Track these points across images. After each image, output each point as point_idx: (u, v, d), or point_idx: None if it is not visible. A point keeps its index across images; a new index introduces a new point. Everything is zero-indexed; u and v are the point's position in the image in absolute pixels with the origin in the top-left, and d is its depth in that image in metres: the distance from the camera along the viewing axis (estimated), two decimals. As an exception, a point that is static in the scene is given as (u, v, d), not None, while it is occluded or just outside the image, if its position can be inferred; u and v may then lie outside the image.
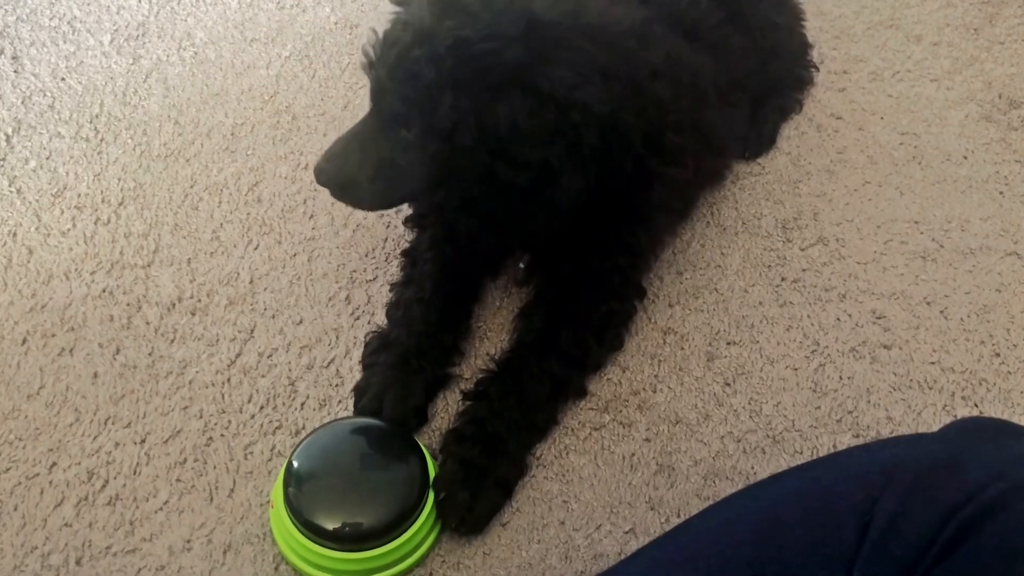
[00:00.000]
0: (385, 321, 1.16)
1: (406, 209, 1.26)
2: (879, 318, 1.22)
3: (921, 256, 1.29)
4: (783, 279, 1.25)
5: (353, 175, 1.01)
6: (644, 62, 1.02)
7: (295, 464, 0.97)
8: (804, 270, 1.26)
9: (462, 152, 0.96)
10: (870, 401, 1.14)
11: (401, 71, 0.94)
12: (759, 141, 1.41)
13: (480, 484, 1.00)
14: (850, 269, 1.27)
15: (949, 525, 0.57)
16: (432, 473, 1.00)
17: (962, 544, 0.56)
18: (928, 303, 1.23)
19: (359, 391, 1.09)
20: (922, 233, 1.31)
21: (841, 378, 1.16)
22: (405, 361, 1.09)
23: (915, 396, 1.15)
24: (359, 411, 1.07)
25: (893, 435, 1.10)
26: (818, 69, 1.49)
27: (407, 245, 1.23)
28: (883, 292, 1.24)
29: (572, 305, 1.14)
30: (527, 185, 0.98)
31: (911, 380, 1.16)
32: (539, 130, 0.94)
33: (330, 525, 0.93)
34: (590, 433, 1.10)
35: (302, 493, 0.95)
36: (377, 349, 1.12)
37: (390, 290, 1.19)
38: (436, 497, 0.98)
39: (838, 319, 1.22)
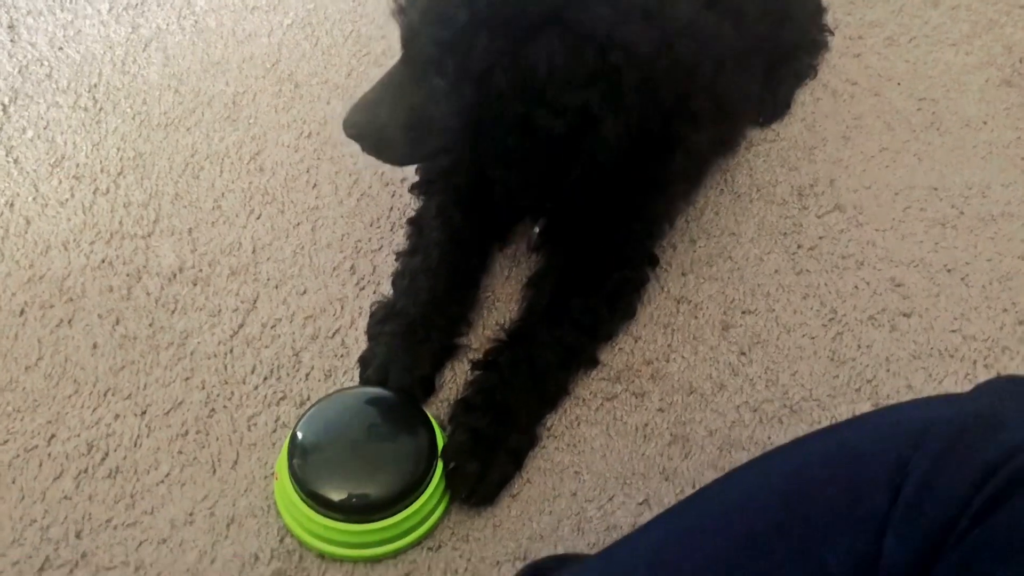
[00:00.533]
0: (391, 291, 1.13)
1: (412, 177, 1.23)
2: (898, 286, 1.18)
3: (941, 223, 1.25)
4: (799, 246, 1.22)
5: (384, 127, 0.97)
6: (673, 17, 0.98)
7: (300, 435, 0.95)
8: (821, 237, 1.23)
9: (497, 98, 0.93)
10: (889, 370, 1.11)
11: (434, 13, 0.91)
12: (774, 107, 1.37)
13: (490, 454, 0.97)
14: (868, 236, 1.24)
15: (988, 484, 0.54)
16: (440, 444, 0.97)
17: (1003, 503, 0.53)
18: (948, 270, 1.20)
19: (364, 361, 1.07)
20: (941, 200, 1.28)
21: (860, 347, 1.13)
22: (411, 331, 1.06)
23: (936, 364, 1.12)
24: (364, 381, 1.05)
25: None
26: (833, 34, 1.46)
27: (413, 214, 1.20)
28: (902, 259, 1.21)
29: (583, 273, 1.11)
30: (564, 133, 0.95)
31: (932, 348, 1.13)
32: (578, 72, 0.91)
33: (336, 496, 0.90)
34: (602, 403, 1.07)
35: (307, 464, 0.92)
36: (383, 319, 1.09)
37: (396, 259, 1.16)
38: (445, 467, 0.96)
39: (856, 287, 1.18)
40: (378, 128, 0.98)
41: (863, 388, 1.09)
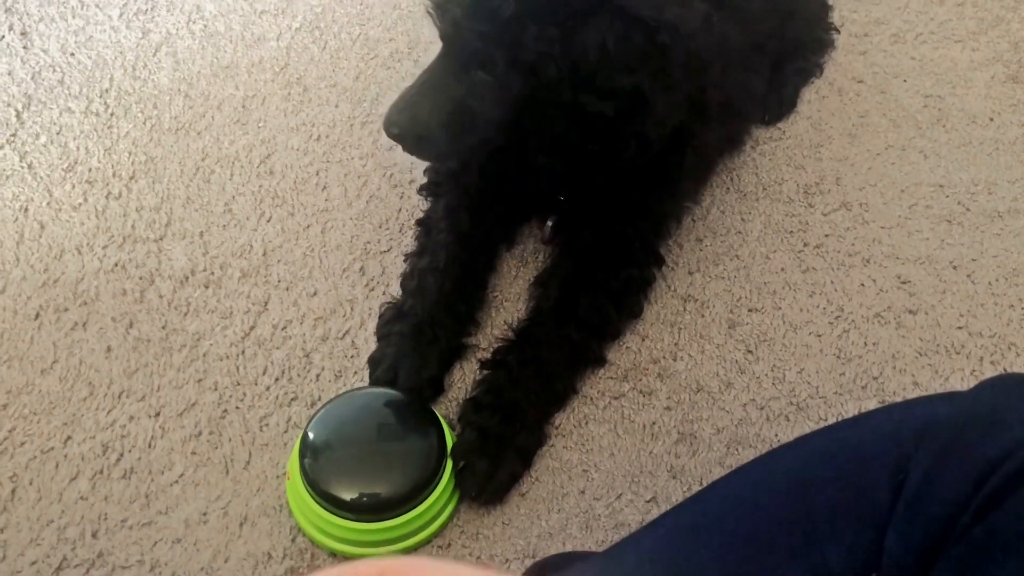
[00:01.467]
0: (399, 292, 1.14)
1: (420, 178, 1.24)
2: (904, 283, 1.19)
3: (947, 220, 1.26)
4: (805, 244, 1.23)
5: (426, 124, 0.97)
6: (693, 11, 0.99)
7: (311, 435, 0.96)
8: (827, 235, 1.24)
9: (545, 86, 0.93)
10: (896, 367, 1.12)
11: (480, 8, 0.90)
12: (779, 105, 1.38)
13: (499, 453, 0.98)
14: (874, 234, 1.24)
15: (989, 482, 0.55)
16: (450, 443, 0.98)
17: (1003, 501, 0.54)
18: (954, 267, 1.20)
19: (373, 362, 1.08)
20: (947, 197, 1.28)
21: (866, 344, 1.14)
22: (419, 331, 1.07)
23: (942, 361, 1.12)
24: (374, 381, 1.06)
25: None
26: (839, 31, 1.46)
27: (421, 215, 1.21)
28: (908, 257, 1.22)
29: (590, 271, 1.12)
30: (612, 116, 0.95)
31: (938, 345, 1.14)
32: (628, 55, 0.91)
33: (347, 495, 0.91)
34: (610, 402, 1.08)
35: (318, 464, 0.93)
36: (391, 320, 1.10)
37: (404, 260, 1.18)
38: (454, 466, 0.97)
39: (862, 284, 1.19)
40: (420, 126, 0.97)
41: (869, 385, 1.10)
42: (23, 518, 0.98)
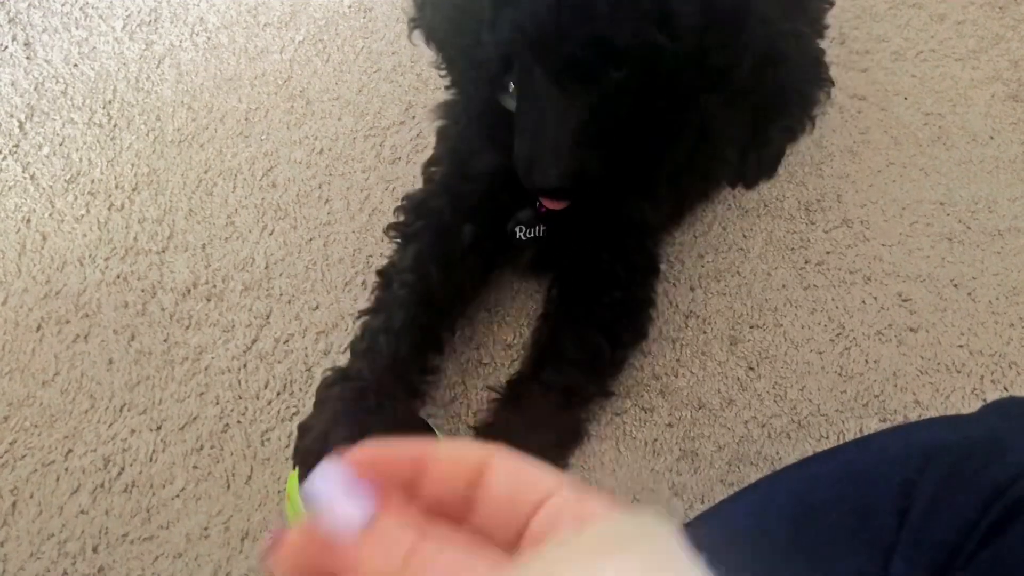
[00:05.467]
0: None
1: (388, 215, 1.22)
2: (905, 301, 1.19)
3: (947, 238, 1.26)
4: (807, 261, 1.23)
5: (582, 161, 0.88)
6: None
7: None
8: (828, 252, 1.24)
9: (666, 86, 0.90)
10: (897, 385, 1.12)
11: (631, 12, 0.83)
12: (758, 165, 1.30)
13: None
14: (875, 251, 1.24)
15: (994, 507, 0.55)
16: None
17: (1010, 525, 0.54)
18: (955, 285, 1.21)
19: (303, 429, 0.95)
20: (948, 214, 1.29)
21: (867, 362, 1.14)
22: (362, 395, 0.95)
23: (943, 379, 1.12)
24: (301, 452, 0.94)
25: (923, 419, 1.08)
26: (834, 85, 1.41)
27: (384, 262, 1.11)
28: (909, 274, 1.22)
29: (575, 302, 1.06)
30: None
31: (939, 363, 1.14)
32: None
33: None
34: (611, 419, 1.08)
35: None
36: (332, 383, 0.98)
37: (356, 319, 1.07)
38: None
39: (863, 302, 1.19)
40: (576, 165, 0.88)
41: (871, 403, 1.10)
42: (23, 532, 0.98)
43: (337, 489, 0.30)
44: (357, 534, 0.29)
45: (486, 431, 1.02)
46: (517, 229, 1.06)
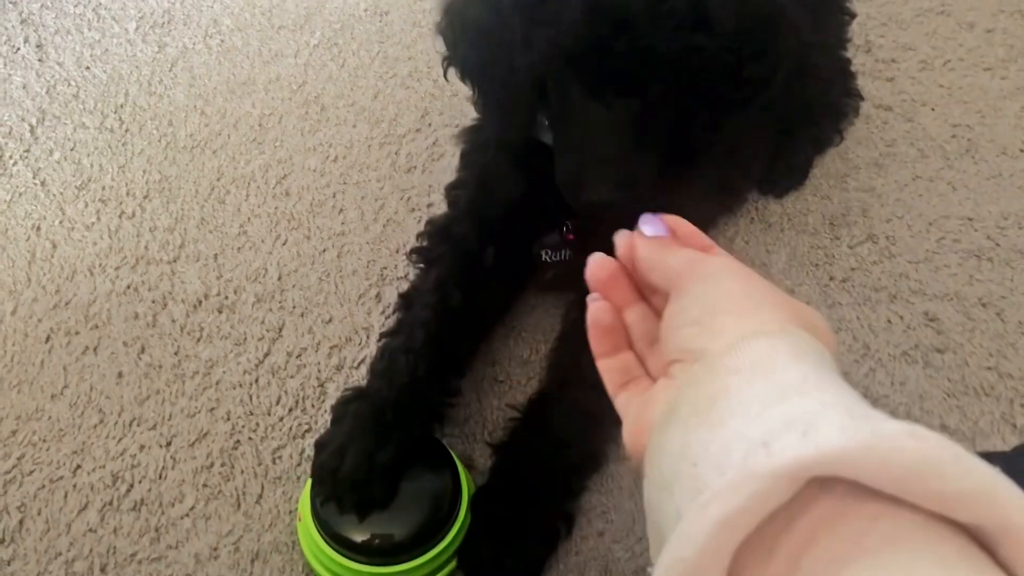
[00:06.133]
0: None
1: (438, 201, 1.22)
2: (932, 320, 1.16)
3: (976, 255, 1.23)
4: (831, 278, 1.20)
5: (631, 171, 0.86)
6: None
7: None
8: (853, 269, 1.21)
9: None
10: (923, 408, 1.09)
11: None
12: (788, 174, 1.28)
13: (509, 540, 0.92)
14: (901, 268, 1.21)
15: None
16: (464, 484, 0.95)
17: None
18: (984, 304, 1.18)
19: (320, 445, 0.93)
20: (976, 231, 1.25)
21: (893, 383, 1.11)
22: (380, 412, 0.93)
23: (971, 403, 1.09)
24: (317, 469, 0.92)
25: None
26: (863, 98, 1.38)
27: (398, 277, 1.15)
28: (936, 293, 1.19)
29: None
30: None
31: (967, 386, 1.11)
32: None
33: (359, 537, 0.89)
34: (630, 440, 1.06)
35: (330, 504, 0.91)
36: (349, 400, 0.97)
37: (378, 340, 1.05)
38: (459, 561, 0.93)
39: (889, 321, 1.16)
40: (625, 176, 0.86)
41: (896, 427, 1.07)
42: (31, 550, 0.96)
43: (659, 226, 0.57)
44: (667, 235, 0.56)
45: (505, 451, 1.00)
46: (543, 252, 1.05)
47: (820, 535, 0.35)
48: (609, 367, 0.57)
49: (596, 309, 0.58)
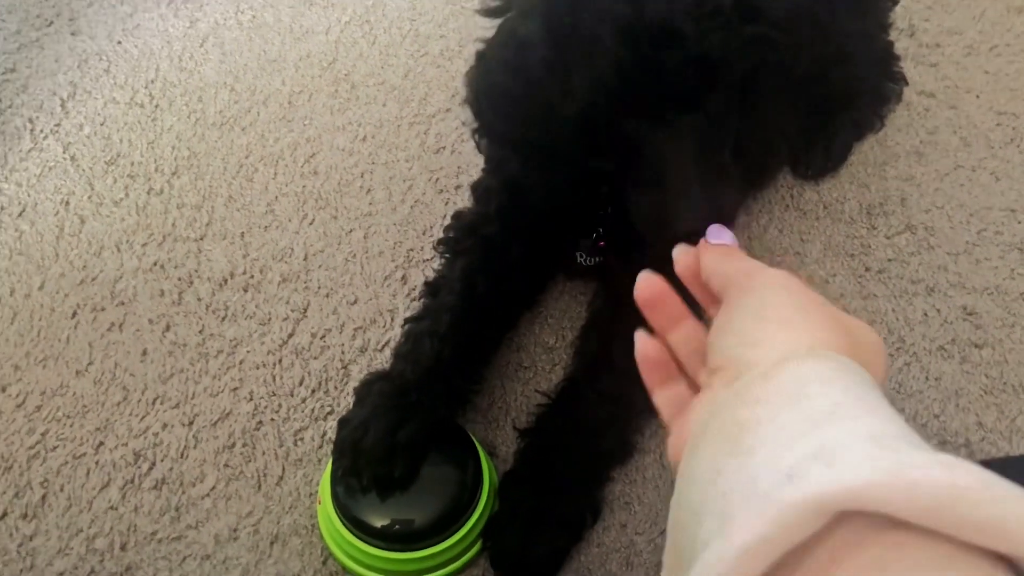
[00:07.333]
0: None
1: (465, 183, 1.20)
2: (970, 314, 1.13)
3: (1018, 248, 1.19)
4: (867, 269, 1.17)
5: (715, 193, 0.82)
6: None
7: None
8: (890, 260, 1.18)
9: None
10: (959, 405, 1.06)
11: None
12: (827, 156, 1.18)
13: (534, 528, 0.91)
14: (939, 260, 1.18)
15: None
16: (486, 470, 0.94)
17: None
18: (1025, 299, 1.14)
19: (343, 422, 0.93)
20: (1020, 223, 1.21)
21: (928, 379, 1.08)
22: (403, 392, 0.92)
23: (1009, 401, 1.06)
24: (338, 443, 0.91)
25: (985, 442, 1.03)
26: (907, 83, 1.33)
27: (425, 262, 1.15)
28: (975, 286, 1.15)
29: (629, 312, 1.04)
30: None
31: (1005, 383, 1.08)
32: None
33: (379, 523, 0.88)
34: (656, 430, 1.04)
35: (350, 489, 0.90)
36: (372, 381, 0.96)
37: (402, 325, 1.04)
38: (485, 545, 0.93)
39: (925, 314, 1.13)
40: (711, 199, 0.81)
41: (930, 423, 1.05)
42: (52, 526, 0.97)
43: (725, 235, 0.60)
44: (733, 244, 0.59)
45: (533, 436, 0.99)
46: (578, 255, 1.04)
47: (844, 558, 0.34)
48: (662, 400, 0.57)
49: (642, 345, 0.58)
